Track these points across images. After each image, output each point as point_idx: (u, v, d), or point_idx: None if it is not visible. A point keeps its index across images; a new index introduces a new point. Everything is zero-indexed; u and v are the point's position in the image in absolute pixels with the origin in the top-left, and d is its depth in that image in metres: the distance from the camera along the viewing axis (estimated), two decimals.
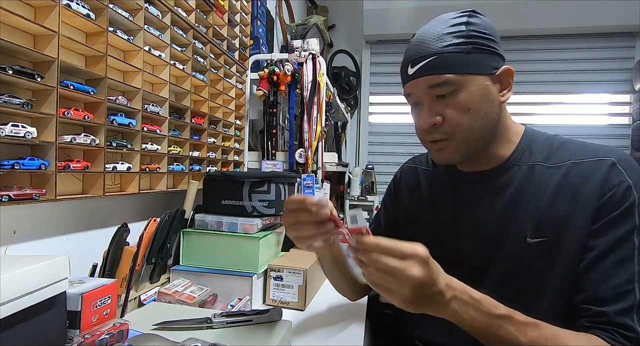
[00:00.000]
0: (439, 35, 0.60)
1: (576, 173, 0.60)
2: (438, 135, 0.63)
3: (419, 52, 0.61)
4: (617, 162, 0.59)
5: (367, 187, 2.69)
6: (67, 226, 0.77)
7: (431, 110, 0.62)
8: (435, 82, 0.60)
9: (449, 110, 0.61)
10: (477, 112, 0.61)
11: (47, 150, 0.65)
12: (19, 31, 0.62)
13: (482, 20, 0.62)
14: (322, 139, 1.40)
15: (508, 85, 0.63)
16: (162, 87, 0.95)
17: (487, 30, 0.61)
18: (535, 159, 0.65)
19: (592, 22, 2.53)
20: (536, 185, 0.63)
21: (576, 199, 0.59)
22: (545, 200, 0.61)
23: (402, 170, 0.86)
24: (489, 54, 0.61)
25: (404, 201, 0.81)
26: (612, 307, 0.53)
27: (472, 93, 0.60)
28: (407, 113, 2.36)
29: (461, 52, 0.59)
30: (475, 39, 0.59)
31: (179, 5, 1.00)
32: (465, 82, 0.59)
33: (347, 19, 3.04)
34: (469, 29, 0.60)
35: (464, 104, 0.60)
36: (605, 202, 0.57)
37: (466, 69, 0.59)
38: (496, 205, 0.65)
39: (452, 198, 0.72)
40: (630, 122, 2.63)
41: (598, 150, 0.62)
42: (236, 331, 0.65)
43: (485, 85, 0.61)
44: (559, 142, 0.66)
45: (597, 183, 0.58)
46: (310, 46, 1.37)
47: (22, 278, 0.46)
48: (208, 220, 0.96)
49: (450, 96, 0.60)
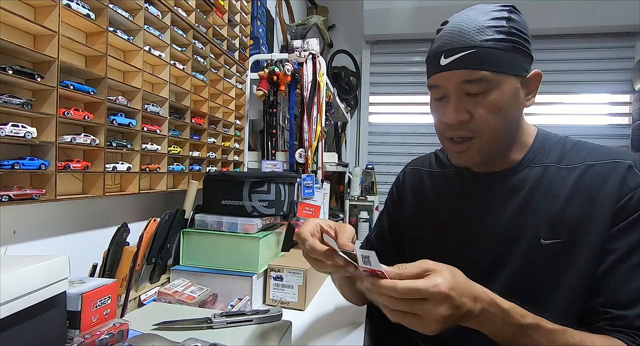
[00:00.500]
0: (480, 27, 0.56)
1: (591, 175, 0.60)
2: (464, 132, 0.60)
3: (456, 42, 0.57)
4: (633, 165, 0.58)
5: (367, 187, 2.70)
6: (67, 226, 0.77)
7: (459, 106, 0.59)
8: (471, 78, 0.56)
9: (480, 108, 0.58)
10: (505, 114, 0.58)
11: (47, 150, 0.65)
12: (19, 31, 0.62)
13: (521, 18, 0.60)
14: (322, 139, 1.40)
15: (535, 89, 0.62)
16: (162, 87, 0.95)
17: (525, 29, 0.59)
18: (548, 160, 0.64)
19: (592, 22, 2.53)
20: (550, 186, 0.62)
21: (593, 201, 0.58)
22: (560, 202, 0.60)
23: (405, 172, 0.84)
24: (524, 55, 0.59)
25: (408, 204, 0.80)
26: (632, 311, 0.52)
27: (504, 94, 0.57)
28: (408, 113, 2.37)
29: (501, 48, 0.56)
30: (515, 37, 0.57)
31: (179, 5, 1.00)
32: (500, 82, 0.57)
33: (347, 19, 3.04)
34: (510, 25, 0.57)
35: (495, 104, 0.57)
36: (623, 205, 0.56)
37: (503, 67, 0.56)
38: (508, 207, 0.64)
39: (460, 200, 0.71)
40: (630, 122, 2.63)
41: (612, 152, 0.62)
42: (236, 331, 0.65)
43: (517, 87, 0.59)
44: (572, 143, 0.66)
45: (615, 186, 0.57)
46: (310, 46, 1.37)
47: (22, 278, 0.46)
48: (208, 220, 0.96)
49: (482, 94, 0.57)
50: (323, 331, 0.79)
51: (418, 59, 2.92)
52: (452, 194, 0.73)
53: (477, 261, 0.66)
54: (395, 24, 2.75)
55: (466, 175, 0.72)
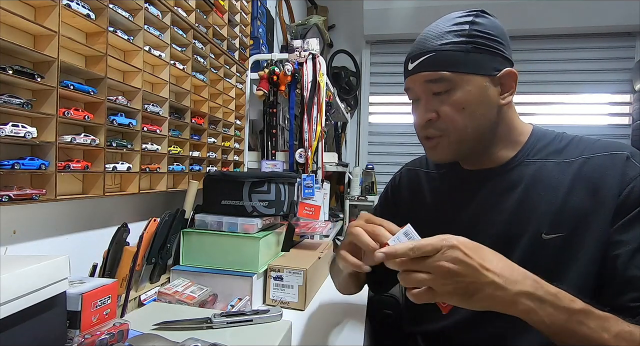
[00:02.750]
0: (440, 33, 0.61)
1: (590, 167, 0.60)
2: (433, 131, 0.64)
3: (419, 49, 0.63)
4: (630, 156, 0.59)
5: (367, 187, 2.70)
6: (67, 226, 0.77)
7: (427, 106, 0.63)
8: (431, 78, 0.61)
9: (444, 107, 0.62)
10: (472, 112, 0.61)
11: (47, 150, 0.65)
12: (19, 31, 0.62)
13: (490, 21, 0.62)
14: (322, 139, 1.40)
15: (510, 88, 0.63)
16: (162, 87, 0.95)
17: (493, 31, 0.61)
18: (544, 156, 0.65)
19: (592, 22, 2.53)
20: (548, 181, 0.62)
21: (594, 194, 0.58)
22: (560, 196, 0.61)
23: (402, 173, 0.85)
24: (491, 55, 0.60)
25: (404, 203, 0.80)
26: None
27: (468, 93, 0.60)
28: (407, 113, 2.38)
29: (459, 50, 0.60)
30: (476, 39, 0.60)
31: (179, 5, 1.00)
32: (462, 81, 0.60)
33: (347, 19, 3.04)
34: (472, 28, 0.60)
35: (459, 103, 0.61)
36: (626, 197, 0.56)
37: (463, 68, 0.60)
38: (506, 204, 0.65)
39: (458, 199, 0.71)
40: (630, 122, 2.63)
41: (608, 145, 0.62)
42: (236, 331, 0.65)
43: (484, 86, 0.61)
44: (568, 138, 0.66)
45: (615, 178, 0.58)
46: (310, 46, 1.37)
47: (22, 278, 0.46)
48: (208, 220, 0.96)
49: (446, 93, 0.61)
50: (323, 331, 0.79)
51: None
52: (447, 194, 0.73)
53: None
54: (395, 24, 2.75)
55: (459, 173, 0.73)
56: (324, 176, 1.45)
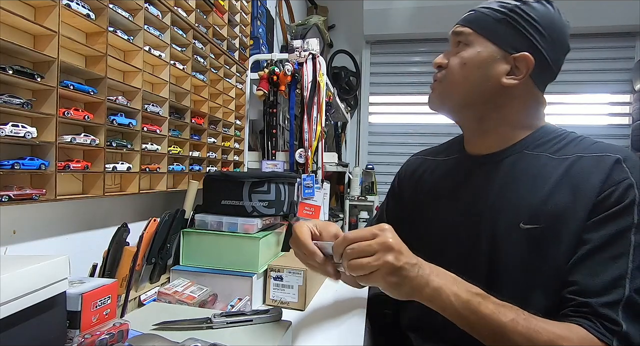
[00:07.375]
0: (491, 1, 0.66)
1: (579, 166, 0.61)
2: (438, 75, 0.70)
3: (472, 7, 0.68)
4: (622, 160, 0.59)
5: (367, 187, 2.69)
6: (67, 226, 0.77)
7: (446, 53, 0.70)
8: (458, 30, 0.68)
9: (453, 58, 0.67)
10: (469, 72, 0.65)
11: (47, 150, 0.65)
12: (19, 31, 0.62)
13: (546, 10, 0.64)
14: (322, 139, 1.40)
15: (520, 73, 0.64)
16: (162, 87, 0.95)
17: (539, 18, 0.63)
18: (543, 150, 0.66)
19: (592, 22, 2.53)
20: (539, 173, 0.63)
21: (575, 192, 0.59)
22: (546, 190, 0.61)
23: (409, 161, 0.89)
24: (518, 34, 0.63)
25: (407, 191, 0.83)
26: (598, 299, 0.52)
27: (476, 54, 0.65)
28: (407, 113, 2.39)
29: (491, 17, 0.64)
30: (514, 15, 0.63)
31: (179, 5, 1.00)
32: (476, 42, 0.65)
33: (347, 19, 3.04)
34: (517, 5, 0.63)
35: (464, 58, 0.66)
36: (605, 198, 0.56)
37: (484, 31, 0.64)
38: (494, 185, 0.67)
39: (453, 181, 0.74)
40: (630, 122, 2.63)
41: (605, 147, 0.62)
42: (236, 331, 0.64)
43: (493, 55, 0.64)
44: (572, 137, 0.67)
45: (599, 179, 0.58)
46: (310, 46, 1.37)
47: (22, 278, 0.46)
48: (208, 220, 0.96)
49: (462, 47, 0.67)
50: (323, 332, 0.79)
51: (418, 59, 2.92)
52: (446, 176, 0.76)
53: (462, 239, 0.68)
54: (395, 24, 2.75)
55: (463, 159, 0.75)
56: (324, 176, 1.45)
